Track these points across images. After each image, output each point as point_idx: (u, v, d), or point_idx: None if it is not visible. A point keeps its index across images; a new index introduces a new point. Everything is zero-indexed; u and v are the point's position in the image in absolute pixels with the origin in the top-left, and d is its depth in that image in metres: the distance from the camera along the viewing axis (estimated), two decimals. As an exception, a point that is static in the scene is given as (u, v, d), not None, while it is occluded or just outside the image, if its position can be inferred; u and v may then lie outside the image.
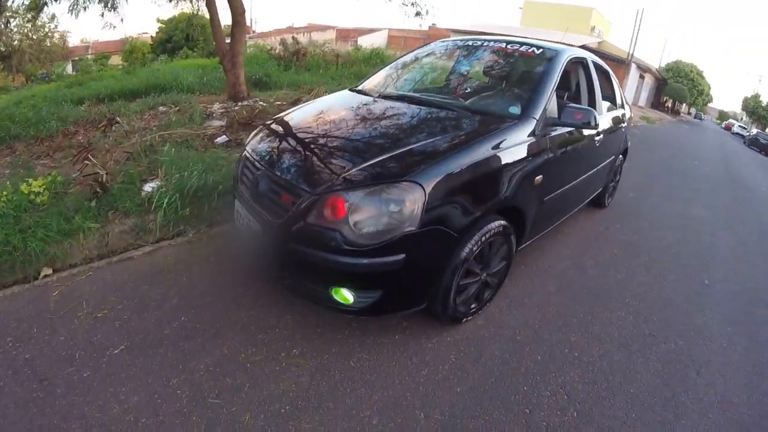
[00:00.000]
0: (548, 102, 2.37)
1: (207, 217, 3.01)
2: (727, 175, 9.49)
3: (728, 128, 43.99)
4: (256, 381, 1.73)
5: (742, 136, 31.74)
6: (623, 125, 4.03)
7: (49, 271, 2.59)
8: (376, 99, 2.70)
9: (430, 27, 30.98)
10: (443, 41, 3.54)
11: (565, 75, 3.08)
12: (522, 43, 2.96)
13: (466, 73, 3.27)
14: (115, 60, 19.46)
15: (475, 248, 1.93)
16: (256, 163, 2.12)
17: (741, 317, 2.92)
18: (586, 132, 2.83)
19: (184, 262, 2.58)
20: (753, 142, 24.76)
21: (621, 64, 25.94)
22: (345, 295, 1.74)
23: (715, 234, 4.58)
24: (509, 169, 2.05)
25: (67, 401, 1.65)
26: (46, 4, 6.91)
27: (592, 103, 3.14)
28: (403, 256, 1.66)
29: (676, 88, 35.52)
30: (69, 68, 16.92)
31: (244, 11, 6.37)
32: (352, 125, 2.31)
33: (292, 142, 2.22)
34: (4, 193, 2.93)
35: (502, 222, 2.07)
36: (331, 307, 1.83)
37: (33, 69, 16.26)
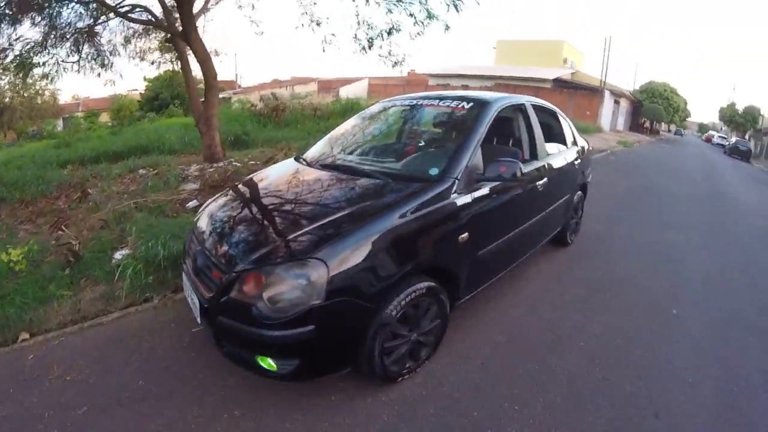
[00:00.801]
0: (471, 159, 2.43)
1: (171, 284, 3.26)
2: (705, 191, 9.38)
3: (708, 140, 45.26)
4: None
5: (723, 146, 32.38)
6: (578, 161, 4.06)
7: (27, 335, 2.83)
8: (313, 169, 2.83)
9: (408, 73, 32.33)
10: (385, 102, 3.67)
11: (503, 124, 3.26)
12: (455, 98, 3.04)
13: (400, 135, 3.42)
14: (105, 117, 19.97)
15: (395, 312, 2.03)
16: (195, 239, 2.42)
17: (713, 345, 2.86)
18: (526, 180, 2.91)
19: (148, 327, 2.82)
20: (733, 151, 25.51)
21: (595, 92, 27.13)
22: (270, 363, 1.90)
23: (687, 259, 4.48)
24: (425, 232, 2.14)
25: None
26: (34, 65, 7.21)
27: (533, 148, 3.22)
28: (312, 327, 1.79)
29: (652, 108, 36.74)
30: (60, 125, 17.30)
31: (215, 75, 6.79)
32: (281, 200, 2.53)
33: (224, 219, 2.44)
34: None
35: (427, 284, 2.16)
36: (261, 373, 1.97)
37: (24, 126, 16.66)
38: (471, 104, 2.92)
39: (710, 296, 3.64)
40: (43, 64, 6.75)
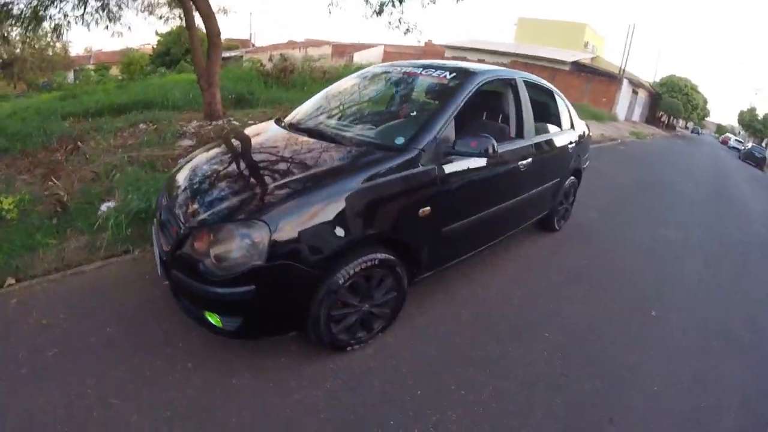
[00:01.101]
0: (441, 131, 2.34)
1: (150, 238, 3.35)
2: (712, 192, 8.97)
3: (725, 142, 44.08)
4: (152, 388, 2.03)
5: (738, 150, 31.49)
6: (572, 145, 3.90)
7: (13, 281, 2.94)
8: (286, 132, 2.79)
9: (426, 43, 31.54)
10: (376, 67, 3.61)
11: (494, 98, 3.22)
12: (440, 67, 2.94)
13: (385, 101, 3.33)
14: (116, 71, 19.94)
15: (342, 281, 2.01)
16: (166, 194, 2.48)
17: (688, 353, 2.68)
18: (504, 158, 2.82)
19: (124, 278, 2.91)
20: (747, 156, 24.57)
21: (613, 79, 26.34)
22: (217, 319, 1.97)
23: (681, 258, 4.29)
24: (381, 203, 2.08)
25: (4, 392, 2.00)
26: (44, 18, 7.22)
27: (519, 126, 3.07)
28: (253, 287, 1.82)
29: (670, 102, 35.65)
30: (71, 77, 17.36)
31: (219, 33, 6.69)
32: (246, 161, 2.55)
33: (190, 176, 2.45)
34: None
35: (381, 255, 2.13)
36: (209, 328, 2.04)
37: (34, 77, 16.74)
38: (453, 75, 2.80)
39: (697, 301, 3.43)
40: (50, 17, 6.73)
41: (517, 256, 3.66)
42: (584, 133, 4.37)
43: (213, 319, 2.00)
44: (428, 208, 2.28)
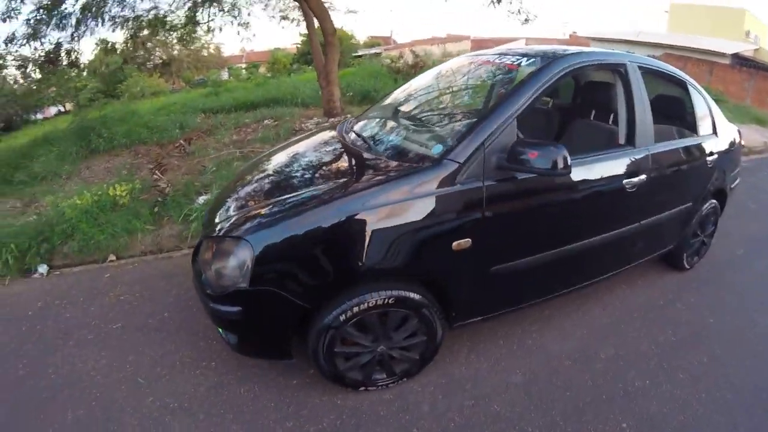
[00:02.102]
0: (493, 137, 1.91)
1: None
2: None
3: None
4: (174, 377, 2.28)
5: None
6: (712, 157, 3.03)
7: (113, 257, 3.59)
8: (336, 136, 2.69)
9: (570, 36, 29.51)
10: (461, 57, 3.24)
11: (603, 92, 2.76)
12: (521, 53, 2.47)
13: (441, 98, 2.87)
14: (263, 69, 22.62)
15: (343, 317, 1.85)
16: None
17: None
18: (601, 174, 2.29)
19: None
20: None
21: None
22: (220, 330, 2.04)
23: None
24: (394, 231, 1.80)
25: (70, 351, 2.50)
26: (198, 23, 8.58)
27: (630, 130, 2.46)
28: (239, 308, 1.80)
29: None
30: (225, 74, 20.22)
31: (334, 32, 7.18)
32: (280, 169, 2.48)
33: (233, 181, 2.58)
34: (99, 193, 4.05)
35: (395, 293, 1.89)
36: (221, 336, 2.09)
37: (190, 75, 19.85)
38: (530, 61, 2.31)
39: None
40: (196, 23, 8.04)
41: (619, 300, 2.94)
42: (733, 140, 3.41)
43: (219, 328, 2.09)
44: (467, 240, 1.91)
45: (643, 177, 2.45)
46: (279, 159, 2.67)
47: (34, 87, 9.03)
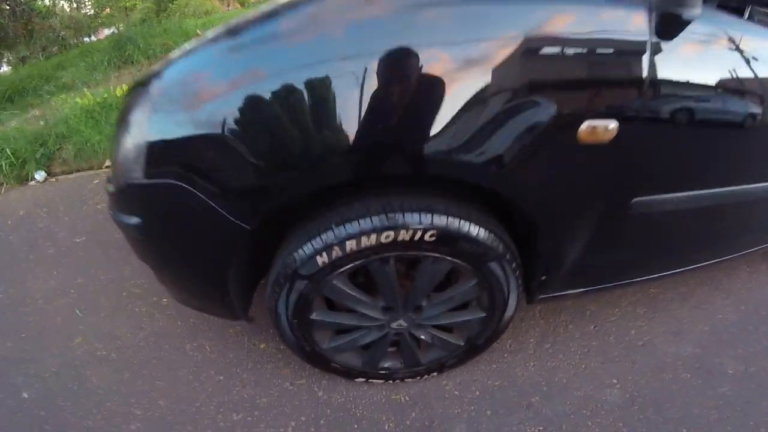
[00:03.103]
0: None
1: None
2: None
3: None
4: (114, 313, 1.73)
5: None
6: None
7: (109, 163, 3.09)
8: None
9: None
10: None
11: None
12: None
13: None
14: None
15: (325, 259, 0.99)
16: None
17: None
18: None
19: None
20: None
21: None
22: None
23: None
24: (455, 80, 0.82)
25: (27, 267, 2.09)
26: None
27: None
28: (138, 220, 1.02)
29: None
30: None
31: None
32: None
33: None
34: (105, 95, 3.54)
35: (442, 221, 0.97)
36: None
37: None
38: None
39: None
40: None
41: (745, 289, 1.80)
42: None
43: None
44: (614, 123, 0.89)
45: None
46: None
47: (89, 7, 8.74)
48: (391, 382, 1.32)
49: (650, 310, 1.61)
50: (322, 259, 0.98)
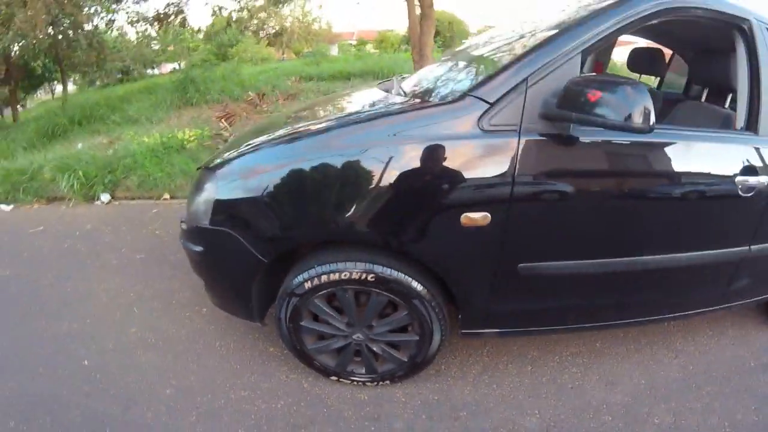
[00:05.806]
0: (539, 74, 1.35)
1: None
2: None
3: None
4: (165, 313, 2.27)
5: None
6: None
7: (167, 196, 3.72)
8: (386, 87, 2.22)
9: None
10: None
11: (712, 60, 2.08)
12: None
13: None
14: (371, 47, 22.93)
15: (309, 285, 1.53)
16: None
17: None
18: (702, 160, 1.63)
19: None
20: None
21: None
22: None
23: None
24: (382, 182, 1.36)
25: (93, 271, 2.65)
26: None
27: (752, 111, 1.70)
28: (201, 248, 1.63)
29: None
30: (335, 50, 20.73)
31: (431, 4, 6.82)
32: (314, 113, 2.17)
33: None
34: (169, 135, 4.22)
35: (377, 270, 1.48)
36: None
37: (300, 47, 20.57)
38: None
39: None
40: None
41: (698, 351, 2.09)
42: None
43: None
44: (484, 215, 1.39)
45: (764, 180, 1.68)
46: (303, 105, 2.50)
47: (156, 43, 9.79)
48: (355, 383, 1.81)
49: (590, 360, 1.97)
50: (308, 284, 1.54)
